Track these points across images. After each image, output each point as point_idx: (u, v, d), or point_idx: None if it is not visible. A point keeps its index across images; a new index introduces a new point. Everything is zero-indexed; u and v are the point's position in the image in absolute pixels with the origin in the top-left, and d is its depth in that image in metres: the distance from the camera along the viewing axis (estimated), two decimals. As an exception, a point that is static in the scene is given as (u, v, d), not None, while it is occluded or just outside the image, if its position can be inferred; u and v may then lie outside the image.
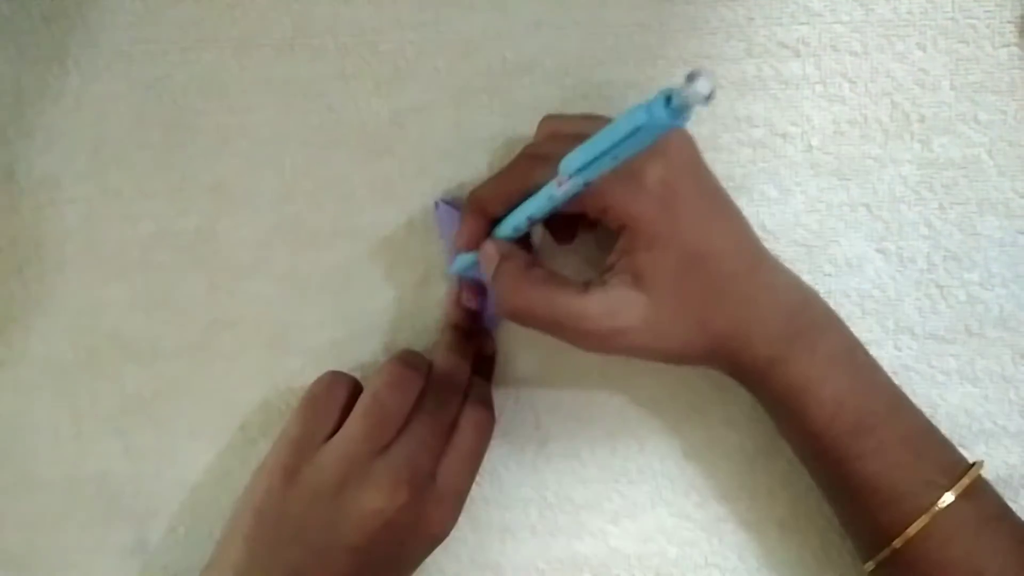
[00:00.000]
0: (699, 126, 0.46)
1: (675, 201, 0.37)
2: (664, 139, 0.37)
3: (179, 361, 0.48)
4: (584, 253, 0.46)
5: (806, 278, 0.46)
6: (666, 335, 0.38)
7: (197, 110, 0.47)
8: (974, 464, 0.39)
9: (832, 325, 0.41)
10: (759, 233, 0.46)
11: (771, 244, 0.46)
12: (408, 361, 0.41)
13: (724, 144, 0.46)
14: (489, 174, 0.46)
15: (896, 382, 0.47)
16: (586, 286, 0.38)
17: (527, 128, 0.46)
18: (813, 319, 0.41)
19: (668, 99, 0.27)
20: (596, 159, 0.32)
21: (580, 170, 0.33)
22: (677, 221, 0.37)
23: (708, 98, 0.26)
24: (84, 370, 0.48)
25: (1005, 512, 0.40)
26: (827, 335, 0.40)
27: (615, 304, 0.38)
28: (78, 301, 0.48)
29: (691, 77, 0.26)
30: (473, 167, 0.47)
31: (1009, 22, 0.45)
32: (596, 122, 0.38)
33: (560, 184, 0.35)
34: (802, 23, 0.45)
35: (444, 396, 0.41)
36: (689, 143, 0.40)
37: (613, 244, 0.39)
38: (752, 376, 0.40)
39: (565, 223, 0.43)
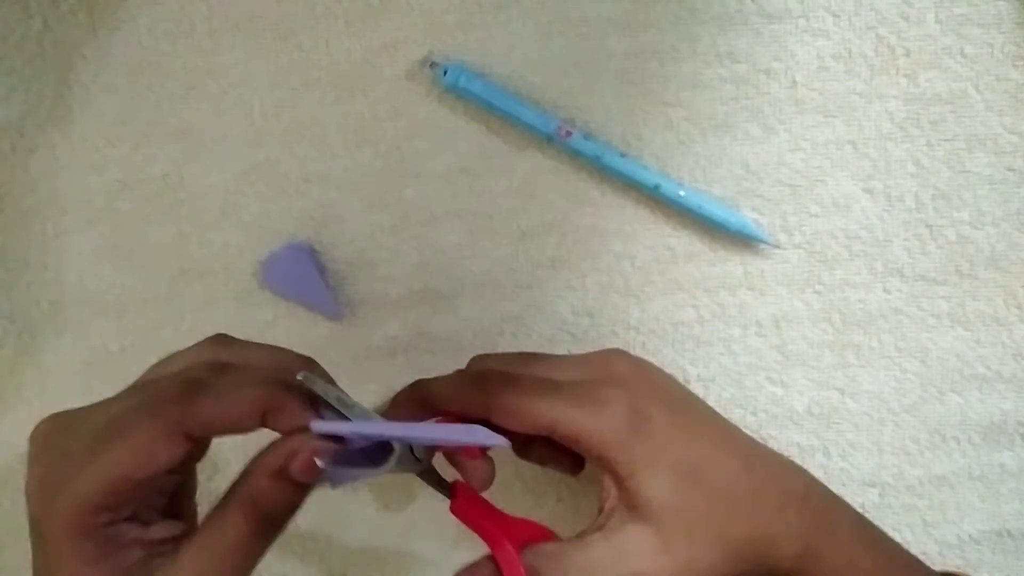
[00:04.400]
0: (679, 63, 0.45)
1: (647, 424, 0.35)
2: (617, 367, 0.38)
3: (146, 314, 0.47)
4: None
5: (791, 219, 0.46)
6: (691, 560, 0.35)
7: (163, 52, 0.45)
8: None
9: (836, 501, 0.39)
10: (741, 172, 0.45)
11: (755, 185, 0.45)
12: None
13: (705, 81, 0.45)
14: (465, 114, 0.45)
15: (886, 326, 0.46)
16: (583, 536, 0.36)
17: (504, 67, 0.45)
18: (823, 499, 0.38)
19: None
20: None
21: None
22: (654, 442, 0.35)
23: None
24: (48, 324, 0.47)
25: None
26: (842, 513, 0.38)
27: (621, 546, 0.35)
28: (41, 253, 0.47)
29: None
30: (448, 107, 0.45)
31: (994, -46, 0.44)
32: (528, 360, 0.38)
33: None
34: (784, -44, 0.44)
35: None
36: (641, 365, 0.39)
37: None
38: (785, 574, 0.37)
39: (529, 439, 0.39)
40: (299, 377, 0.31)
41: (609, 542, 0.35)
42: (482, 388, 0.37)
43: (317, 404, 0.31)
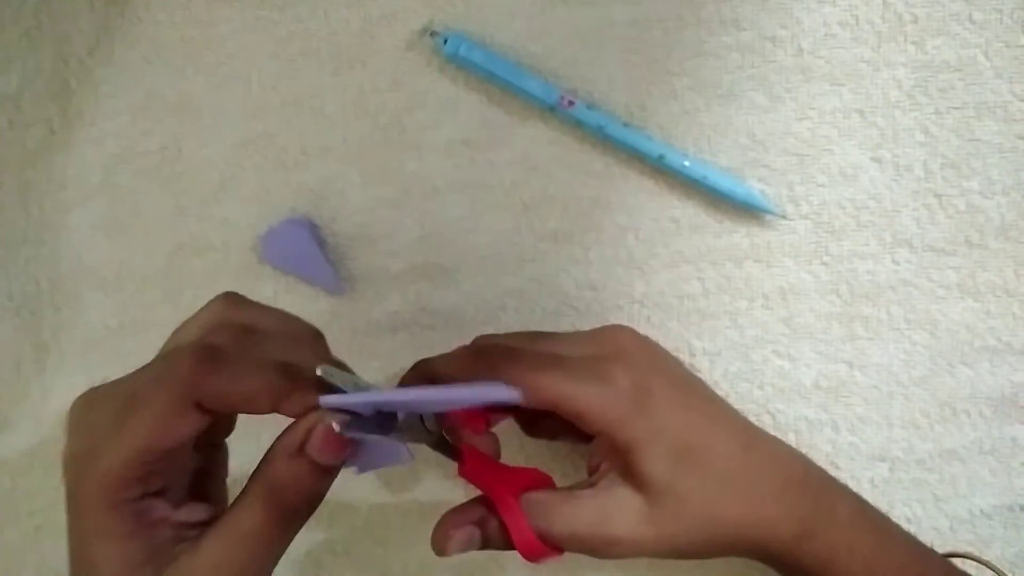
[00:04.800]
0: (683, 31, 0.44)
1: (650, 401, 0.35)
2: (622, 342, 0.37)
3: (145, 289, 0.46)
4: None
5: (798, 189, 0.45)
6: (673, 536, 0.35)
7: (160, 24, 0.45)
8: None
9: (835, 484, 0.39)
10: (747, 142, 0.45)
11: (761, 154, 0.45)
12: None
13: (710, 49, 0.44)
14: (466, 84, 0.45)
15: (894, 298, 0.45)
16: (571, 489, 0.36)
17: (506, 36, 0.44)
18: (821, 483, 0.38)
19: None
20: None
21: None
22: (655, 419, 0.35)
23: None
24: (46, 300, 0.46)
25: None
26: (839, 496, 0.38)
27: (608, 508, 0.35)
28: (39, 229, 0.46)
29: None
30: (449, 78, 0.45)
31: (1004, -82, 0.44)
32: (532, 336, 0.38)
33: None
34: (789, -79, 0.44)
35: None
36: (646, 342, 0.39)
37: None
38: (780, 557, 0.36)
39: (534, 417, 0.39)
40: (318, 372, 0.30)
41: (596, 500, 0.35)
42: (485, 363, 0.37)
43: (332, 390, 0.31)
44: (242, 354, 0.30)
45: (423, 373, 0.39)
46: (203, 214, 0.46)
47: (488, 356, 0.37)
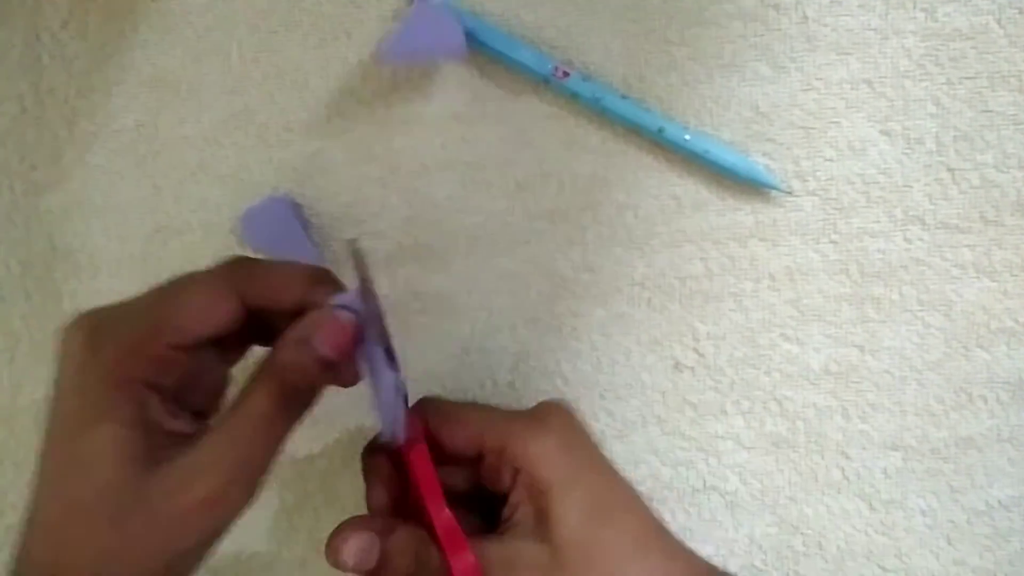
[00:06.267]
0: (683, -1, 0.42)
1: (577, 449, 0.36)
2: (554, 407, 0.37)
3: (121, 274, 0.44)
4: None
5: (804, 164, 0.43)
6: None
7: (136, -5, 0.43)
8: None
9: None
10: (751, 115, 0.43)
11: (765, 127, 0.43)
12: None
13: (711, 17, 0.42)
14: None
15: (907, 277, 0.43)
16: (480, 533, 0.35)
17: (497, 5, 0.43)
18: None
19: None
20: None
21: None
22: (581, 466, 0.35)
23: None
24: (17, 287, 0.44)
25: None
26: None
27: (516, 553, 0.34)
28: (9, 211, 0.44)
29: None
30: (437, 49, 0.43)
31: None
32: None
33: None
34: None
35: None
36: (579, 418, 0.37)
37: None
38: None
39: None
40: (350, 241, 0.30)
41: (502, 544, 0.34)
42: (418, 407, 0.37)
43: None
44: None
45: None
46: (181, 194, 0.44)
47: (420, 402, 0.37)
